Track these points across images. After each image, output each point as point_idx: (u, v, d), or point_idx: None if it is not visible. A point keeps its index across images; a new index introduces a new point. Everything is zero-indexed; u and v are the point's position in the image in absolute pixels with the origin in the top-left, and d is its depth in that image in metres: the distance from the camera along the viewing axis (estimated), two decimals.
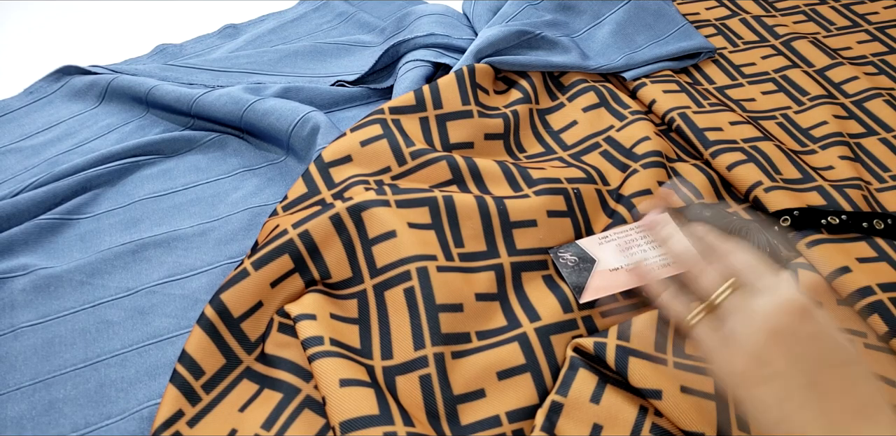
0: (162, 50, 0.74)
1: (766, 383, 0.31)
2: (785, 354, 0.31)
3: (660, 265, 0.45)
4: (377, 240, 0.45)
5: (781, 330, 0.31)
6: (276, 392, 0.41)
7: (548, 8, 0.70)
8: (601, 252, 0.47)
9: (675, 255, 0.37)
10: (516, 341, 0.43)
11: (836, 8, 0.73)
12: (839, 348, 0.31)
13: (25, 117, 0.66)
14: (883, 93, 0.61)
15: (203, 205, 0.55)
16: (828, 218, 0.48)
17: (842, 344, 0.31)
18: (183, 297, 0.48)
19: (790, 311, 0.31)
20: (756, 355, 0.31)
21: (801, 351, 0.31)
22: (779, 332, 0.31)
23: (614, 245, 0.47)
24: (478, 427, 0.39)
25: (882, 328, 0.42)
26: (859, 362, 0.31)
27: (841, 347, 0.31)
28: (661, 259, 0.46)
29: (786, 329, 0.31)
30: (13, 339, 0.46)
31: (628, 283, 0.45)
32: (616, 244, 0.47)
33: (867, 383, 0.31)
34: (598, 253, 0.47)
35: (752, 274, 0.33)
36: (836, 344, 0.31)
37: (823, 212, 0.48)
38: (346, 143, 0.53)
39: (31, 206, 0.54)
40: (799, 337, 0.31)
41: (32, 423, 0.41)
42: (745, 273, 0.33)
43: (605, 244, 0.48)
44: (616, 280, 0.45)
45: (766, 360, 0.31)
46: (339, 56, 0.71)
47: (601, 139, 0.58)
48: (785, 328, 0.31)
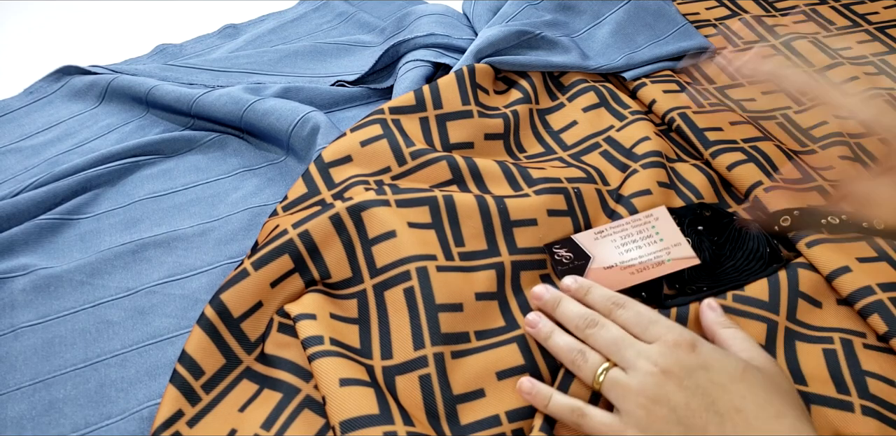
0: (162, 50, 0.74)
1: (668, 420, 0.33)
2: (678, 387, 0.33)
3: (654, 263, 0.45)
4: (377, 240, 0.45)
5: (670, 368, 0.34)
6: (275, 392, 0.41)
7: (548, 8, 0.70)
8: (596, 248, 0.47)
9: (555, 348, 0.40)
10: (515, 341, 0.43)
11: (836, 8, 0.73)
12: (732, 363, 0.34)
13: (25, 117, 0.66)
14: (883, 93, 0.61)
15: (203, 205, 0.55)
16: (828, 218, 0.48)
17: (734, 358, 0.35)
18: (183, 297, 0.48)
19: (675, 347, 0.34)
20: (654, 397, 0.33)
21: (693, 381, 0.33)
22: (668, 370, 0.34)
23: (609, 241, 0.47)
24: (477, 427, 0.39)
25: (882, 328, 0.42)
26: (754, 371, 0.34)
27: (734, 361, 0.34)
28: (655, 256, 0.45)
29: (674, 366, 0.34)
30: (13, 339, 0.46)
31: (623, 282, 0.45)
32: (611, 239, 0.47)
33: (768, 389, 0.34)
34: (593, 249, 0.47)
35: (622, 344, 0.37)
36: (728, 361, 0.34)
37: (823, 212, 0.48)
38: (346, 143, 0.53)
39: (31, 206, 0.54)
40: (690, 369, 0.34)
41: (32, 423, 0.41)
42: (616, 345, 0.37)
43: (601, 239, 0.47)
44: (610, 279, 0.45)
45: (664, 399, 0.33)
46: (339, 56, 0.71)
47: (601, 139, 0.58)
48: (673, 365, 0.34)
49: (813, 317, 0.44)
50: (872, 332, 0.44)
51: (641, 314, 0.38)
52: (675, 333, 0.36)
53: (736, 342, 0.38)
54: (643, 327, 0.37)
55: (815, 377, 0.41)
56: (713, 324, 0.40)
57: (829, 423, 0.39)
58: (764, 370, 0.35)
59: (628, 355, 0.36)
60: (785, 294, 0.44)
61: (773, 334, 0.43)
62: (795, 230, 0.48)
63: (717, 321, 0.40)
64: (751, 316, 0.43)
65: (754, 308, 0.43)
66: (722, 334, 0.39)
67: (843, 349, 0.43)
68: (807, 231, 0.48)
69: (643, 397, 0.34)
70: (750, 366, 0.35)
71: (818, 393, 0.40)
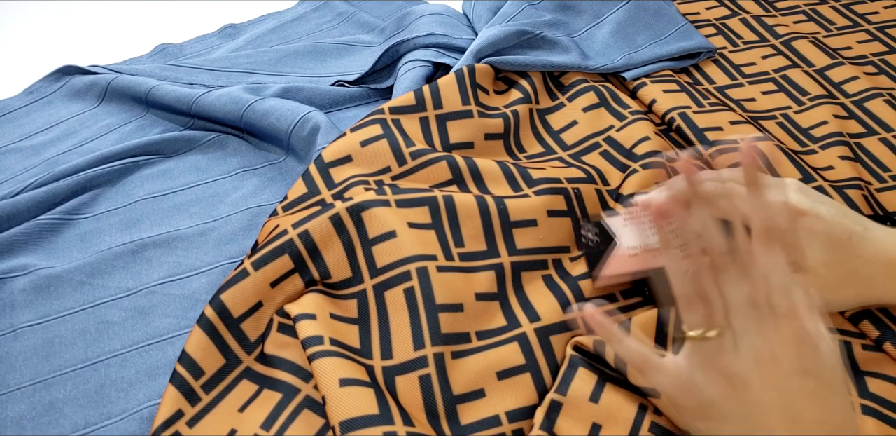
0: (162, 50, 0.74)
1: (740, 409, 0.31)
2: (764, 386, 0.30)
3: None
4: (377, 240, 0.45)
5: (771, 364, 0.30)
6: (275, 392, 0.41)
7: (548, 8, 0.70)
8: (624, 232, 0.45)
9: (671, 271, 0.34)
10: (516, 341, 0.43)
11: (836, 8, 0.73)
12: (837, 375, 0.31)
13: (25, 117, 0.66)
14: (883, 93, 0.61)
15: (203, 205, 0.55)
16: None
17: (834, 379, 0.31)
18: (183, 297, 0.48)
19: (792, 342, 0.30)
20: (734, 384, 0.31)
21: (785, 383, 0.30)
22: (766, 365, 0.30)
23: (638, 223, 0.44)
24: (478, 427, 0.39)
25: (874, 333, 0.42)
26: (846, 392, 0.31)
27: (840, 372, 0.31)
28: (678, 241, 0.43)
29: (776, 363, 0.30)
30: (13, 339, 0.46)
31: (645, 263, 0.42)
32: (640, 222, 0.44)
33: (846, 416, 0.30)
34: (620, 233, 0.45)
35: (738, 311, 0.32)
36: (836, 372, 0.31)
37: None
38: (346, 143, 0.53)
39: (30, 206, 0.54)
40: (790, 372, 0.30)
41: (32, 423, 0.41)
42: (731, 307, 0.32)
43: (630, 224, 0.45)
44: (630, 263, 0.43)
45: (743, 391, 0.31)
46: (339, 56, 0.71)
47: (601, 139, 0.58)
48: (776, 362, 0.30)
49: None
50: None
51: (781, 271, 0.31)
52: (791, 318, 0.30)
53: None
54: (780, 287, 0.31)
55: None
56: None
57: None
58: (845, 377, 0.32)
59: (737, 325, 0.31)
60: None
61: None
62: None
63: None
64: None
65: None
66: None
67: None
68: None
69: (721, 374, 0.31)
70: (841, 373, 0.31)
71: None
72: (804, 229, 0.38)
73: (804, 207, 0.38)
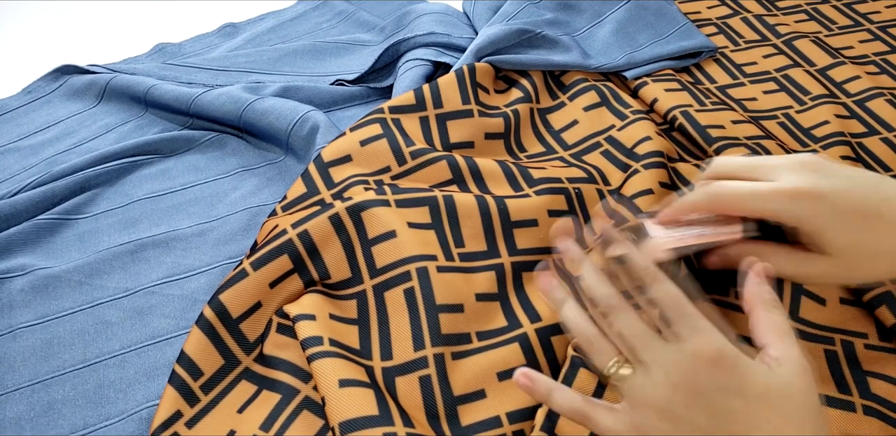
0: (161, 49, 0.74)
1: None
2: (687, 406, 0.30)
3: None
4: (377, 240, 0.45)
5: (683, 384, 0.30)
6: (274, 393, 0.41)
7: (549, 6, 0.69)
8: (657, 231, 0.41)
9: (566, 321, 0.35)
10: (517, 341, 0.42)
11: (837, 7, 0.73)
12: (757, 383, 0.30)
13: (24, 117, 0.65)
14: (885, 92, 0.61)
15: (202, 205, 0.55)
16: None
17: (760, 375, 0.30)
18: (182, 297, 0.48)
19: (695, 359, 0.30)
20: (661, 411, 0.30)
21: (706, 400, 0.30)
22: (680, 386, 0.30)
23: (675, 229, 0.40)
24: (478, 428, 0.39)
25: (890, 320, 0.42)
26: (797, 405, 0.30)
27: (759, 380, 0.30)
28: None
29: (688, 382, 0.30)
30: (11, 339, 0.46)
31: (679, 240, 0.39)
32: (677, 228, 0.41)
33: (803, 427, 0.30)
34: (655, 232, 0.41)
35: (639, 343, 0.32)
36: (753, 380, 0.30)
37: None
38: (345, 142, 0.52)
39: (29, 206, 0.53)
40: (702, 390, 0.30)
41: (31, 424, 0.41)
42: (632, 343, 0.32)
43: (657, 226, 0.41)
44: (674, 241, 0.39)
45: (671, 415, 0.30)
46: (339, 55, 0.71)
47: (602, 139, 0.58)
48: (688, 381, 0.30)
49: (816, 315, 0.44)
50: (875, 332, 0.43)
51: (675, 301, 0.32)
52: (700, 339, 0.31)
53: (769, 334, 0.33)
54: (671, 317, 0.32)
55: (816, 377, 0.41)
56: (754, 299, 0.34)
57: (832, 422, 0.38)
58: (793, 386, 0.31)
59: (644, 358, 0.32)
60: (788, 293, 0.44)
61: None
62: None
63: (761, 298, 0.34)
64: None
65: None
66: (759, 317, 0.33)
67: (843, 351, 0.42)
68: None
69: (650, 408, 0.31)
70: (776, 385, 0.30)
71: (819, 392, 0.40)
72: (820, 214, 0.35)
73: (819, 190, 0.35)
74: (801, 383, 0.31)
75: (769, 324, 0.33)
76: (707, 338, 0.31)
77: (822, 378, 0.41)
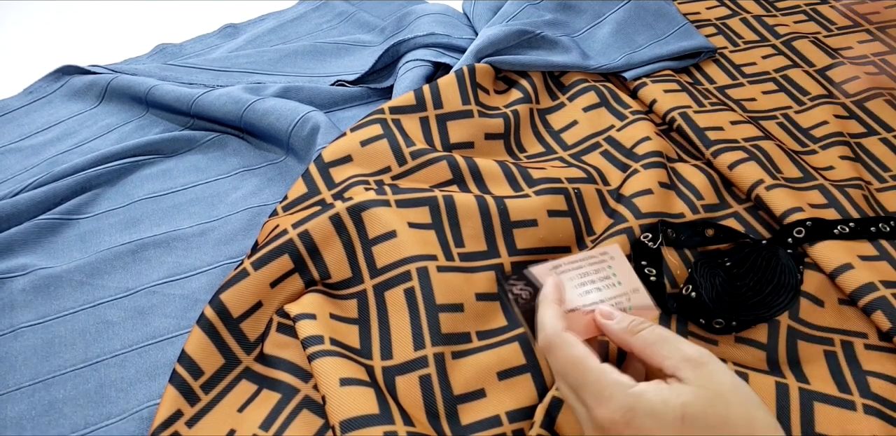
0: (161, 49, 0.74)
1: None
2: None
3: (617, 309, 0.37)
4: (377, 240, 0.45)
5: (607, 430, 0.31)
6: (274, 392, 0.41)
7: (548, 7, 0.70)
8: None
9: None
10: (516, 341, 0.43)
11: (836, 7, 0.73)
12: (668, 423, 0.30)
13: (25, 117, 0.66)
14: (883, 92, 0.61)
15: (203, 205, 0.55)
16: (839, 227, 0.48)
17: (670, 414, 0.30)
18: (183, 297, 0.48)
19: (608, 426, 0.31)
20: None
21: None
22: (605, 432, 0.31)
23: (567, 278, 0.38)
24: (478, 427, 0.39)
25: (886, 325, 0.42)
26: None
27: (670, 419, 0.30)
28: (617, 302, 0.37)
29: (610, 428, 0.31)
30: (13, 339, 0.46)
31: (586, 331, 0.36)
32: (569, 277, 0.38)
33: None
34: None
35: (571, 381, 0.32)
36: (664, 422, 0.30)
37: (834, 221, 0.48)
38: (346, 143, 0.52)
39: (30, 206, 0.53)
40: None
41: (32, 423, 0.41)
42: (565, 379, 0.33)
43: (560, 275, 0.38)
44: (575, 324, 0.36)
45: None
46: (339, 56, 0.71)
47: (602, 139, 0.58)
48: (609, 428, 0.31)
49: (815, 316, 0.44)
50: (874, 331, 0.44)
51: (574, 368, 0.33)
52: (605, 408, 0.31)
53: (654, 358, 0.32)
54: (574, 385, 0.33)
55: (816, 376, 0.41)
56: (619, 334, 0.34)
57: (833, 421, 0.39)
58: (702, 397, 0.30)
59: (581, 418, 0.33)
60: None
61: (775, 333, 0.43)
62: (808, 242, 0.47)
63: (622, 328, 0.34)
64: None
65: None
66: (635, 347, 0.33)
67: (843, 351, 0.43)
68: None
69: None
70: (689, 412, 0.30)
71: (820, 391, 0.40)
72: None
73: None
74: (704, 377, 0.31)
75: (645, 345, 0.33)
76: (611, 405, 0.31)
77: (822, 377, 0.41)
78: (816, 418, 0.38)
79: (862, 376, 0.41)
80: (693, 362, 0.31)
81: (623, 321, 0.34)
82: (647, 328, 0.33)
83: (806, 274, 0.46)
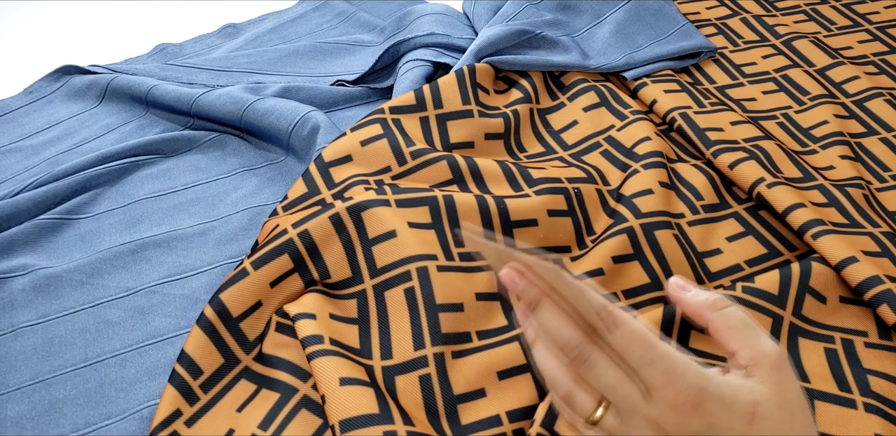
0: (162, 49, 0.74)
1: None
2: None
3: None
4: (377, 240, 0.45)
5: (668, 431, 0.28)
6: (273, 392, 0.41)
7: (548, 7, 0.70)
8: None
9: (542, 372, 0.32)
10: (517, 340, 0.43)
11: (836, 7, 0.73)
12: (739, 415, 0.28)
13: (25, 117, 0.66)
14: (884, 92, 0.61)
15: (203, 205, 0.55)
16: None
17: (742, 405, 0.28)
18: (183, 297, 0.48)
19: (673, 410, 0.28)
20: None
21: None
22: (666, 433, 0.28)
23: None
24: (478, 427, 0.39)
25: (891, 318, 0.42)
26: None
27: (741, 410, 0.28)
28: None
29: (673, 431, 0.28)
30: (13, 339, 0.46)
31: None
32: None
33: None
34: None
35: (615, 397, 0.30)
36: (734, 414, 0.28)
37: None
38: (346, 142, 0.52)
39: (30, 205, 0.53)
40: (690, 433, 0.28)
41: (32, 423, 0.41)
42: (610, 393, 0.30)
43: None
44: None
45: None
46: (339, 55, 0.71)
47: (602, 139, 0.58)
48: (671, 430, 0.28)
49: (817, 313, 0.44)
50: (875, 330, 0.44)
51: (642, 343, 0.30)
52: (675, 387, 0.29)
53: (731, 340, 0.31)
54: (639, 363, 0.30)
55: (816, 374, 0.41)
56: (698, 308, 0.32)
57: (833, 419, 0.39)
58: (772, 392, 0.29)
59: (622, 407, 0.30)
60: (794, 289, 0.44)
61: (777, 328, 0.43)
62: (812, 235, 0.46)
63: (702, 304, 0.32)
64: (759, 309, 0.43)
65: (763, 301, 0.43)
66: (714, 323, 0.31)
67: (843, 349, 0.43)
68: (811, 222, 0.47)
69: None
70: (759, 411, 0.29)
71: (820, 390, 0.40)
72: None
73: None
74: (778, 382, 0.30)
75: (726, 327, 0.31)
76: (681, 384, 0.29)
77: (823, 376, 0.41)
78: (817, 417, 0.39)
79: (862, 374, 0.41)
80: (772, 361, 0.29)
81: (699, 295, 0.32)
82: (730, 308, 0.31)
83: (815, 270, 0.45)
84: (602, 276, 0.46)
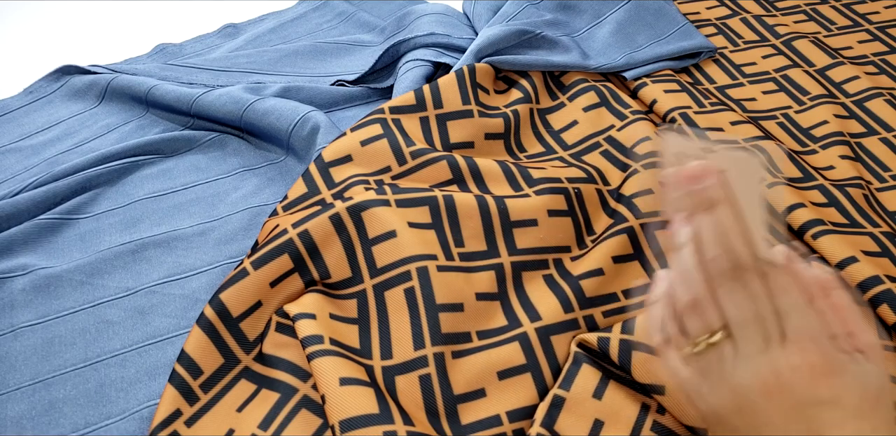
0: (162, 49, 0.74)
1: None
2: (782, 411, 0.27)
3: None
4: (377, 240, 0.45)
5: (787, 389, 0.27)
6: (273, 392, 0.41)
7: (548, 7, 0.70)
8: None
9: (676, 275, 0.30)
10: (517, 340, 0.43)
11: (836, 7, 0.73)
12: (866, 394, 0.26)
13: (25, 117, 0.66)
14: (884, 92, 0.61)
15: (203, 205, 0.55)
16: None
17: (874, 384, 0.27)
18: (183, 297, 0.48)
19: (809, 371, 0.27)
20: (743, 408, 0.27)
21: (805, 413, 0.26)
22: (783, 390, 0.27)
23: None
24: (478, 427, 0.39)
25: (891, 318, 0.42)
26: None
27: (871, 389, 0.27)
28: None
29: (792, 391, 0.27)
30: (13, 339, 0.46)
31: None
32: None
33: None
34: None
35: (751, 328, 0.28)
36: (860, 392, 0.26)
37: None
38: (346, 142, 0.52)
39: (30, 205, 0.53)
40: (811, 401, 0.26)
41: (32, 423, 0.41)
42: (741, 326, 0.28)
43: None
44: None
45: (753, 414, 0.27)
46: (339, 55, 0.71)
47: (602, 139, 0.58)
48: (791, 389, 0.27)
49: None
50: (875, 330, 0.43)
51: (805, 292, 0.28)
52: (821, 347, 0.27)
53: (851, 321, 0.28)
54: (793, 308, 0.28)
55: None
56: (826, 283, 0.29)
57: None
58: (879, 386, 0.27)
59: (747, 345, 0.27)
60: None
61: None
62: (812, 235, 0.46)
63: (828, 278, 0.29)
64: None
65: None
66: (838, 301, 0.29)
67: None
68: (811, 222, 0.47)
69: (732, 400, 0.27)
70: (882, 400, 0.27)
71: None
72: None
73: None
74: (883, 375, 0.28)
75: (849, 305, 0.29)
76: (827, 348, 0.27)
77: None
78: None
79: None
80: (879, 351, 0.28)
81: (813, 269, 0.30)
82: (839, 288, 0.29)
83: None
84: (602, 276, 0.46)
